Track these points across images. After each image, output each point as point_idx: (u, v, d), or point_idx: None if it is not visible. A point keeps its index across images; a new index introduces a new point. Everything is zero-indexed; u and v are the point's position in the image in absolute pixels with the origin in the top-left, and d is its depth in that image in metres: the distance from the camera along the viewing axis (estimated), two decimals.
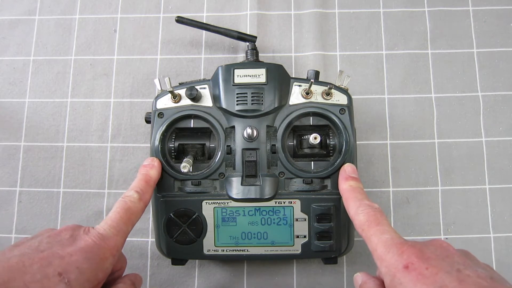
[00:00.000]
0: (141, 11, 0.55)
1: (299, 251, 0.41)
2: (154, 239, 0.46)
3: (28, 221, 0.50)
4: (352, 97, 0.42)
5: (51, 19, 0.55)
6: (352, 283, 0.47)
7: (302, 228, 0.41)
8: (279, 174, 0.41)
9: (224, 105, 0.41)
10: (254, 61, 0.46)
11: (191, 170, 0.39)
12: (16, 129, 0.52)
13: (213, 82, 0.42)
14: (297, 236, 0.41)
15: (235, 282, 0.48)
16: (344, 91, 0.42)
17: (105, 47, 0.54)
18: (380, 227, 0.30)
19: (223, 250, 0.42)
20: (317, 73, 0.44)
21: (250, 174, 0.41)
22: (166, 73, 0.53)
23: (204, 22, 0.51)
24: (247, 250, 0.42)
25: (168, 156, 0.42)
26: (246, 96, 0.41)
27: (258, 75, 0.42)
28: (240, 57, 0.53)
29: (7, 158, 0.51)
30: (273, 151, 0.41)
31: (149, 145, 0.42)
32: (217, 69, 0.43)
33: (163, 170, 0.41)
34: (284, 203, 0.41)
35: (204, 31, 0.53)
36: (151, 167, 0.39)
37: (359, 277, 0.33)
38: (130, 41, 0.54)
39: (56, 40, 0.54)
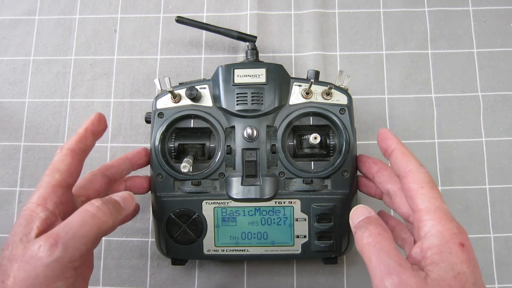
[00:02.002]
0: (141, 11, 0.55)
1: (299, 251, 0.41)
2: (154, 239, 0.46)
3: None
4: (352, 97, 0.42)
5: (51, 19, 0.55)
6: (352, 283, 0.47)
7: (302, 228, 0.41)
8: (279, 174, 0.41)
9: (224, 105, 0.41)
10: (254, 61, 0.46)
11: (191, 170, 0.39)
12: (16, 129, 0.52)
13: (213, 82, 0.42)
14: (297, 236, 0.41)
15: (235, 282, 0.48)
16: (344, 91, 0.42)
17: (105, 47, 0.54)
18: (439, 194, 0.30)
19: (223, 250, 0.42)
20: (317, 73, 0.44)
21: (250, 174, 0.41)
22: (166, 73, 0.53)
23: (204, 22, 0.51)
24: (247, 250, 0.42)
25: (168, 156, 0.42)
26: (246, 96, 0.41)
27: (258, 75, 0.42)
28: (240, 57, 0.53)
29: (7, 158, 0.51)
30: (273, 151, 0.41)
31: (149, 145, 0.42)
32: (217, 69, 0.43)
33: (163, 170, 0.41)
34: (284, 203, 0.41)
35: (204, 31, 0.53)
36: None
37: (362, 211, 0.32)
38: (130, 41, 0.54)
39: (56, 40, 0.54)
